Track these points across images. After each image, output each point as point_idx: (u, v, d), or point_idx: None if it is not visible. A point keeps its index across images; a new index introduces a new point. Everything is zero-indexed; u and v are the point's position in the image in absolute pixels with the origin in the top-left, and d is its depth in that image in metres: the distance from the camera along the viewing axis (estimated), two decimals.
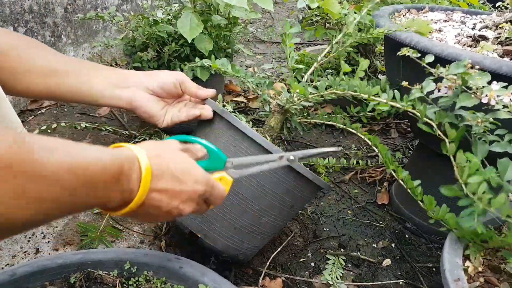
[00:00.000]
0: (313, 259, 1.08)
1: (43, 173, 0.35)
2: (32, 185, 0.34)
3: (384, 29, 0.96)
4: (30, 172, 0.34)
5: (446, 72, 0.64)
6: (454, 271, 0.59)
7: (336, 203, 1.32)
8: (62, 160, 0.37)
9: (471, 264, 0.62)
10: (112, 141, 1.50)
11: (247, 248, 0.90)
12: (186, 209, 0.55)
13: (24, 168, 0.34)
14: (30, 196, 0.34)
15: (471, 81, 0.60)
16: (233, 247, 0.87)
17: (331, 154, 0.85)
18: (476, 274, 0.62)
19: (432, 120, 0.69)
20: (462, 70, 0.62)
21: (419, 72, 0.86)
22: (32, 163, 0.34)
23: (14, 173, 0.33)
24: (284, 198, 0.84)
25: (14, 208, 0.33)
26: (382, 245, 1.15)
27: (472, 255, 0.64)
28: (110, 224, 1.10)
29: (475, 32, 1.00)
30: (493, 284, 0.62)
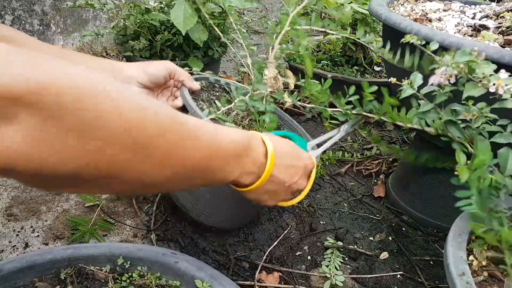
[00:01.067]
0: (309, 253, 1.06)
1: (192, 145, 0.41)
2: (179, 151, 0.39)
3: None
4: (180, 139, 0.39)
5: (452, 60, 0.62)
6: (459, 266, 0.57)
7: (332, 196, 1.30)
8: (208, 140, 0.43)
9: (475, 259, 0.61)
10: None
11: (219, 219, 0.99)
12: (303, 184, 0.63)
13: (176, 136, 0.39)
14: (175, 161, 0.39)
15: (478, 70, 0.58)
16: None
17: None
18: (480, 268, 0.61)
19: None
20: (468, 58, 0.60)
21: None
22: (183, 133, 0.40)
23: (167, 140, 0.37)
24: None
25: (158, 169, 0.38)
26: (379, 238, 1.14)
27: (475, 249, 0.62)
28: (102, 218, 1.07)
29: (476, 22, 0.99)
30: (497, 278, 0.60)
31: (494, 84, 0.55)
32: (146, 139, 0.34)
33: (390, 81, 0.79)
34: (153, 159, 0.36)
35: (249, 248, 1.03)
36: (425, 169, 1.15)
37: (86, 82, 0.30)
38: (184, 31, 1.17)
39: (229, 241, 1.03)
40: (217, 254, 1.00)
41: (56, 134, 0.28)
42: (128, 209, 1.12)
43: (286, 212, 1.18)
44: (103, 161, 0.32)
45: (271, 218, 1.15)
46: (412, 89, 0.72)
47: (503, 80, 0.55)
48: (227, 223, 1.01)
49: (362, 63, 1.78)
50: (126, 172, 0.35)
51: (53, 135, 0.28)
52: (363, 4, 1.49)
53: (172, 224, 1.06)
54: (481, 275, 0.60)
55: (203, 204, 0.96)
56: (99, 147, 0.31)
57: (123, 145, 0.33)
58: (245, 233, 1.07)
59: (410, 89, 0.72)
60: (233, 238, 1.05)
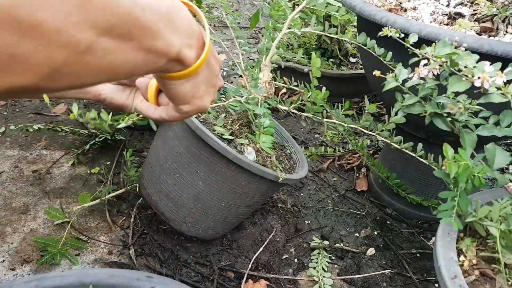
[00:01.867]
0: (296, 255, 1.03)
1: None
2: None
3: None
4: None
5: (433, 53, 0.58)
6: (450, 268, 0.54)
7: (316, 193, 1.27)
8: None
9: (465, 258, 0.58)
10: (71, 142, 1.39)
11: (203, 229, 0.95)
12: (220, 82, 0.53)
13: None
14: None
15: (460, 62, 0.55)
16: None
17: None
18: (471, 267, 0.58)
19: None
20: (450, 50, 0.57)
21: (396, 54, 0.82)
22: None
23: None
24: (233, 188, 0.86)
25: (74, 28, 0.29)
26: (364, 233, 1.12)
27: (465, 248, 0.60)
28: (73, 236, 1.01)
29: (451, 10, 0.96)
30: (489, 276, 0.58)
31: (479, 78, 0.52)
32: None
33: (374, 74, 0.75)
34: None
35: (234, 256, 0.99)
36: (406, 160, 1.13)
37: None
38: None
39: (212, 251, 0.99)
40: (200, 265, 0.95)
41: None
42: (101, 224, 1.06)
43: (270, 214, 1.15)
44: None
45: (255, 222, 1.11)
46: (396, 81, 0.68)
47: (488, 73, 0.52)
48: (212, 232, 0.96)
49: (338, 55, 1.75)
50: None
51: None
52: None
53: (150, 237, 1.00)
54: (473, 274, 0.58)
55: (186, 212, 0.91)
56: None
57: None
58: (228, 240, 1.03)
59: (394, 82, 0.69)
60: (216, 247, 1.00)
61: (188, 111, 0.50)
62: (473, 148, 0.61)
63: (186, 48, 0.40)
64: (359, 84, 1.68)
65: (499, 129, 0.60)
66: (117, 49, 0.34)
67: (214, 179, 0.84)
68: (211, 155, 0.81)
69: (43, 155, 1.32)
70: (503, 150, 0.59)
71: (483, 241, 0.66)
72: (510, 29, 0.89)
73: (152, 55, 0.37)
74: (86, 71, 0.33)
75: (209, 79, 0.47)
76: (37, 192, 1.15)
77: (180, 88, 0.45)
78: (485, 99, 0.54)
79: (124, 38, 0.34)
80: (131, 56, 0.36)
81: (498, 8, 0.90)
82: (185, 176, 0.87)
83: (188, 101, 0.48)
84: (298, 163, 0.99)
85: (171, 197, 0.90)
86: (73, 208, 1.10)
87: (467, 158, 0.57)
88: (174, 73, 0.42)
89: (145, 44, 0.36)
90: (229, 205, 0.89)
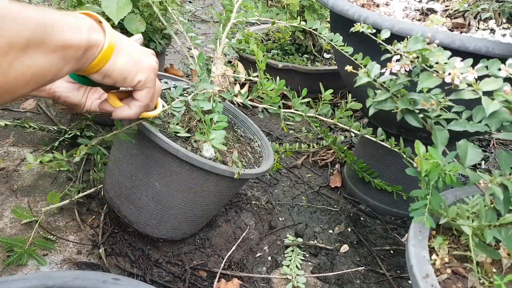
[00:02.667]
0: (270, 253, 1.02)
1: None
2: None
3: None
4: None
5: (404, 49, 0.58)
6: (422, 267, 0.54)
7: (290, 189, 1.26)
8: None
9: (437, 257, 0.58)
10: (40, 138, 1.33)
11: (169, 230, 0.93)
12: (153, 76, 0.60)
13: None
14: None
15: (432, 58, 0.55)
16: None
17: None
18: (443, 265, 0.59)
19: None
20: (421, 46, 0.57)
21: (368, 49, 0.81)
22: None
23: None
24: (191, 186, 0.84)
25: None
26: (338, 230, 1.12)
27: (437, 246, 0.60)
28: (41, 235, 0.97)
29: (423, 5, 0.97)
30: (461, 274, 0.58)
31: (450, 74, 0.52)
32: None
33: (346, 70, 0.74)
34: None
35: (206, 255, 0.97)
36: (379, 156, 1.13)
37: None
38: (116, 20, 1.06)
39: (184, 249, 0.97)
40: (171, 265, 0.93)
41: None
42: (70, 223, 1.02)
43: (244, 211, 1.13)
44: None
45: (229, 219, 1.10)
46: (368, 77, 0.68)
47: (459, 69, 0.52)
48: (177, 232, 0.94)
49: (312, 51, 1.74)
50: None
51: None
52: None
53: (120, 236, 0.97)
54: (445, 273, 0.58)
55: (147, 215, 0.88)
56: None
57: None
58: (201, 238, 1.01)
59: (366, 77, 0.68)
60: (188, 246, 0.98)
61: (139, 87, 0.58)
62: (445, 145, 0.61)
63: (93, 33, 0.48)
64: (333, 80, 1.69)
65: (471, 125, 0.60)
66: (35, 58, 0.40)
67: (169, 179, 0.81)
68: (163, 155, 0.78)
69: (10, 152, 1.26)
70: (475, 147, 0.59)
71: (455, 239, 0.66)
72: (482, 25, 0.90)
73: (68, 50, 0.44)
74: (14, 84, 0.39)
75: (133, 53, 0.56)
76: (4, 191, 1.10)
77: (113, 68, 0.52)
78: (456, 95, 0.54)
79: (38, 45, 0.40)
80: (48, 59, 0.42)
81: (470, 4, 0.90)
82: (141, 177, 0.84)
83: (127, 75, 0.55)
84: (265, 156, 0.97)
85: (131, 199, 0.88)
86: (41, 207, 1.06)
87: (438, 156, 0.57)
88: (98, 57, 0.50)
89: (58, 43, 0.42)
90: (191, 204, 0.86)
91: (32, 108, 1.53)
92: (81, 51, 0.46)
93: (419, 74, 0.56)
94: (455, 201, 0.69)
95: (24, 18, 0.38)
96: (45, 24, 0.41)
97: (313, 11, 1.55)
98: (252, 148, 0.99)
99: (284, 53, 1.76)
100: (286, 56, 1.75)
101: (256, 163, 0.94)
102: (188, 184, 0.82)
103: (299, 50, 1.78)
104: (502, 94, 0.50)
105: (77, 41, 0.45)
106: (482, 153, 0.58)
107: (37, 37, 0.39)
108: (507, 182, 0.50)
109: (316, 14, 1.56)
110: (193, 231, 0.99)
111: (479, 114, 0.60)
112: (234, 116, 1.07)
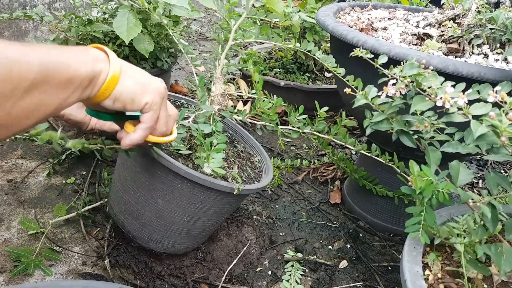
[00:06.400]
0: (270, 267, 1.04)
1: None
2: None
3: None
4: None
5: (400, 73, 0.62)
6: (416, 282, 0.57)
7: (290, 205, 1.29)
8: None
9: (431, 273, 0.61)
10: (47, 151, 1.37)
11: (172, 245, 0.95)
12: (159, 100, 0.61)
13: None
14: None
15: (425, 83, 0.59)
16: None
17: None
18: (436, 281, 0.61)
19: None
20: (416, 71, 0.60)
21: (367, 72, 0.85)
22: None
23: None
24: (192, 202, 0.86)
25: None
26: (337, 246, 1.14)
27: (430, 262, 0.63)
28: (47, 246, 1.00)
29: (419, 30, 1.01)
30: None
31: (441, 98, 0.55)
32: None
33: (345, 91, 0.78)
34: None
35: (208, 268, 1.00)
36: (377, 173, 1.16)
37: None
38: (127, 40, 1.11)
39: (186, 263, 0.99)
40: (173, 277, 0.95)
41: None
42: (75, 235, 1.05)
43: (245, 226, 1.16)
44: None
45: (230, 233, 1.12)
46: (366, 99, 0.72)
47: (450, 94, 0.55)
48: (179, 247, 0.97)
49: (313, 70, 1.79)
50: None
51: None
52: (311, 13, 1.50)
53: (124, 248, 1.00)
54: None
55: (151, 230, 0.91)
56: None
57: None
58: (203, 252, 1.04)
59: (363, 99, 0.72)
60: (191, 259, 1.01)
61: (146, 109, 0.60)
62: (437, 164, 0.64)
63: (97, 63, 0.51)
64: (333, 98, 1.73)
65: (463, 146, 0.63)
66: (39, 95, 0.42)
67: (172, 195, 0.84)
68: (165, 173, 0.81)
69: (18, 164, 1.30)
70: (466, 168, 0.62)
71: (448, 255, 0.69)
72: (476, 50, 0.94)
73: (73, 83, 0.46)
74: (17, 122, 0.42)
75: (141, 77, 0.58)
76: (12, 202, 1.13)
77: (121, 90, 0.55)
78: (447, 118, 0.57)
79: (42, 84, 0.42)
80: (53, 93, 0.44)
81: (463, 30, 0.95)
82: (144, 194, 0.87)
83: (135, 96, 0.57)
84: (264, 171, 1.00)
85: (134, 215, 0.91)
86: (48, 219, 1.09)
87: (431, 174, 0.60)
88: (107, 82, 0.52)
89: (62, 78, 0.44)
90: (193, 219, 0.89)
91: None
92: (86, 82, 0.49)
93: (413, 98, 0.60)
94: (449, 219, 0.72)
95: (28, 61, 0.40)
96: (48, 62, 0.43)
97: (314, 33, 1.60)
98: (252, 163, 1.02)
99: (286, 72, 1.81)
100: (288, 74, 1.79)
101: (256, 178, 0.97)
102: (189, 200, 0.84)
103: (300, 68, 1.83)
104: (489, 118, 0.53)
105: (80, 73, 0.47)
106: (473, 173, 0.61)
107: (41, 77, 0.42)
108: (494, 202, 0.53)
109: (318, 35, 1.61)
110: (195, 245, 1.02)
111: (470, 136, 0.63)
112: (235, 131, 1.10)
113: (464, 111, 0.56)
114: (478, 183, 1.55)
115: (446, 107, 0.55)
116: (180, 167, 0.78)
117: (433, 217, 0.61)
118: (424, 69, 0.63)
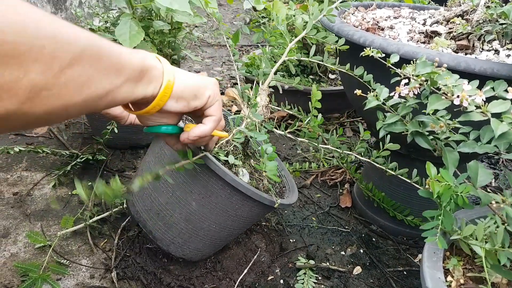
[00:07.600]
0: (282, 276, 1.01)
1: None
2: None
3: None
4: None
5: (413, 73, 0.59)
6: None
7: (300, 210, 1.26)
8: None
9: (453, 279, 0.58)
10: (52, 162, 1.36)
11: (191, 250, 0.92)
12: (217, 94, 0.61)
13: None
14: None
15: (440, 81, 0.56)
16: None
17: None
18: (458, 287, 0.58)
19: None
20: (430, 69, 0.58)
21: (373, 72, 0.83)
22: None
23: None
24: (226, 210, 0.85)
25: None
26: (350, 251, 1.12)
27: (452, 267, 0.60)
28: (54, 260, 0.98)
29: (427, 28, 0.99)
30: None
31: (458, 97, 0.53)
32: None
33: (355, 93, 0.76)
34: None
35: (218, 278, 0.97)
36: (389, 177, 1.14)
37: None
38: (130, 47, 1.09)
39: (196, 273, 0.97)
40: None
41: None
42: (82, 247, 1.03)
43: (254, 233, 1.14)
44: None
45: (239, 241, 1.10)
46: (377, 100, 0.69)
47: (467, 91, 0.53)
48: (199, 253, 0.94)
49: (317, 72, 1.77)
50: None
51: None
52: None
53: (132, 260, 0.98)
54: None
55: (175, 233, 0.88)
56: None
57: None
58: (212, 261, 1.01)
59: (375, 100, 0.70)
60: (200, 269, 0.98)
61: (210, 102, 0.60)
62: (456, 166, 0.62)
63: (147, 58, 0.49)
64: (338, 100, 1.71)
65: (480, 146, 0.61)
66: (89, 71, 0.40)
67: (208, 200, 0.82)
68: (208, 176, 0.79)
69: (24, 177, 1.28)
70: (485, 168, 0.60)
71: (469, 259, 0.66)
72: (486, 46, 0.92)
73: (123, 68, 0.44)
74: (66, 91, 0.38)
75: (193, 75, 0.58)
76: (18, 215, 1.12)
77: (182, 87, 0.55)
78: (465, 117, 0.55)
79: (91, 58, 0.39)
80: (102, 73, 0.41)
81: (473, 26, 0.92)
82: (179, 195, 0.85)
83: (197, 91, 0.58)
84: (287, 186, 0.99)
85: (161, 216, 0.88)
86: (54, 231, 1.07)
87: (450, 178, 0.58)
88: (164, 79, 0.51)
89: (113, 59, 0.43)
90: (221, 227, 0.87)
91: (44, 133, 1.56)
92: (137, 73, 0.47)
93: (428, 97, 0.58)
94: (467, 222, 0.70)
95: (76, 32, 0.38)
96: (99, 40, 0.41)
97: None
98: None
99: (290, 75, 1.79)
100: (291, 77, 1.77)
101: (281, 193, 0.96)
102: (224, 207, 0.83)
103: (304, 71, 1.81)
104: (510, 116, 0.51)
105: (131, 63, 0.46)
106: (491, 174, 0.58)
107: (90, 51, 0.39)
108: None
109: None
110: (211, 253, 1.00)
111: (486, 135, 0.61)
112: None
113: (482, 109, 0.53)
114: (491, 182, 1.52)
115: (464, 105, 0.53)
116: (227, 173, 0.76)
117: (452, 221, 0.59)
118: (437, 67, 0.60)
